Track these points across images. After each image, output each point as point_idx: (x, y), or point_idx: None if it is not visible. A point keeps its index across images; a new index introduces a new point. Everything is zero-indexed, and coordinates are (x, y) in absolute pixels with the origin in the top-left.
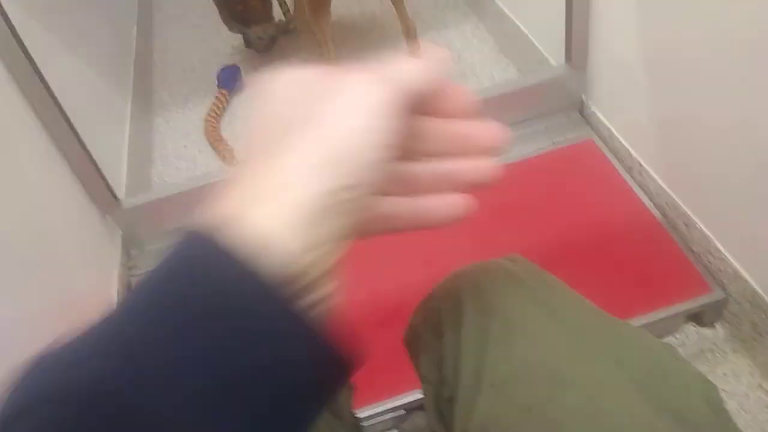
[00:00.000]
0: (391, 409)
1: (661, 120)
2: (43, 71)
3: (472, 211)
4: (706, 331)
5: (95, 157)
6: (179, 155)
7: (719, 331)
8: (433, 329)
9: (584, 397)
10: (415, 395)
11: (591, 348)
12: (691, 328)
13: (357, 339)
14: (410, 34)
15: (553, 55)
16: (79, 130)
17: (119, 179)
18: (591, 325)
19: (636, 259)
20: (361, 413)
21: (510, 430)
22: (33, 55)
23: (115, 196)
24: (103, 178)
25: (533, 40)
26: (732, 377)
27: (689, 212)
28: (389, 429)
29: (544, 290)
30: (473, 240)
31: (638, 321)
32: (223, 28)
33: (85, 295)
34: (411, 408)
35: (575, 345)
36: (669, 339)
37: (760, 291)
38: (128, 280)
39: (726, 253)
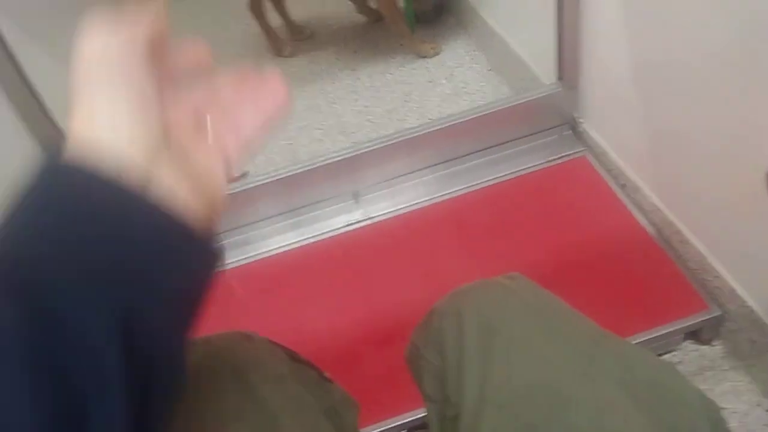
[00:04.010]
0: (394, 428)
1: (654, 136)
2: (37, 89)
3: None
4: (704, 349)
5: None
6: None
7: (717, 348)
8: (436, 347)
9: (587, 416)
10: (417, 414)
11: (593, 367)
12: (689, 346)
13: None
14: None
15: (545, 72)
16: None
17: None
18: (592, 343)
19: (632, 276)
20: None
21: None
22: (28, 75)
23: None
24: None
25: (524, 58)
26: (732, 395)
27: (684, 229)
28: None
29: (545, 308)
30: (470, 258)
31: (635, 339)
32: (219, 39)
33: None
34: (413, 427)
35: (577, 364)
36: (667, 357)
37: (756, 309)
38: None
39: (722, 271)
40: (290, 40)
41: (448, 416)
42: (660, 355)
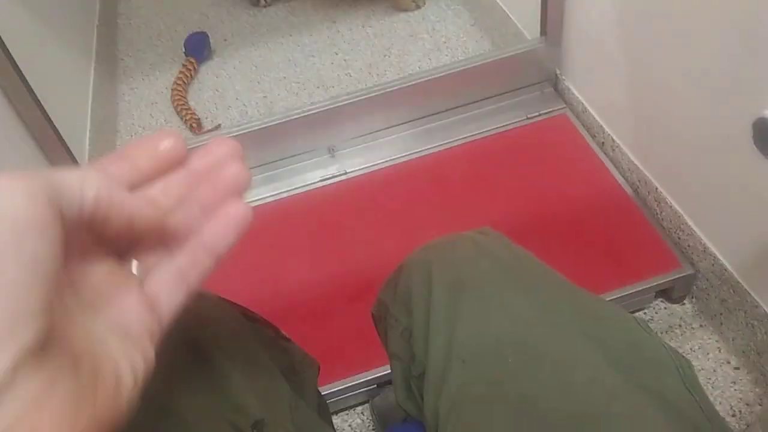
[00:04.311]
0: (363, 383)
1: (635, 95)
2: (2, 35)
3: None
4: (675, 307)
5: (57, 124)
6: (145, 124)
7: (688, 306)
8: (403, 304)
9: (557, 372)
10: (387, 369)
11: (564, 322)
12: (660, 304)
13: None
14: None
15: (528, 28)
16: (40, 96)
17: (82, 149)
18: (563, 298)
19: (607, 234)
20: (333, 388)
21: (481, 405)
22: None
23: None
24: (66, 147)
25: (508, 13)
26: (700, 352)
27: (660, 188)
28: (361, 403)
29: (515, 263)
30: (447, 213)
31: (608, 296)
32: None
33: None
34: (383, 382)
35: (548, 319)
36: (638, 314)
37: (728, 267)
38: None
39: (696, 230)
40: None
41: (413, 374)
42: (631, 312)
